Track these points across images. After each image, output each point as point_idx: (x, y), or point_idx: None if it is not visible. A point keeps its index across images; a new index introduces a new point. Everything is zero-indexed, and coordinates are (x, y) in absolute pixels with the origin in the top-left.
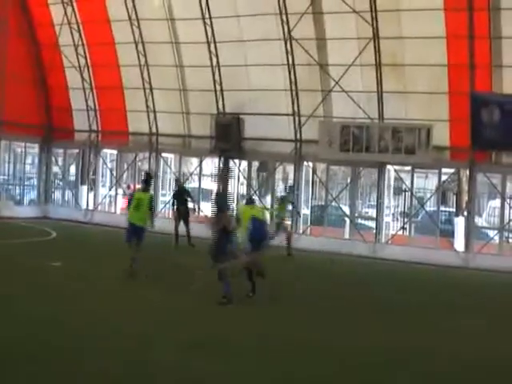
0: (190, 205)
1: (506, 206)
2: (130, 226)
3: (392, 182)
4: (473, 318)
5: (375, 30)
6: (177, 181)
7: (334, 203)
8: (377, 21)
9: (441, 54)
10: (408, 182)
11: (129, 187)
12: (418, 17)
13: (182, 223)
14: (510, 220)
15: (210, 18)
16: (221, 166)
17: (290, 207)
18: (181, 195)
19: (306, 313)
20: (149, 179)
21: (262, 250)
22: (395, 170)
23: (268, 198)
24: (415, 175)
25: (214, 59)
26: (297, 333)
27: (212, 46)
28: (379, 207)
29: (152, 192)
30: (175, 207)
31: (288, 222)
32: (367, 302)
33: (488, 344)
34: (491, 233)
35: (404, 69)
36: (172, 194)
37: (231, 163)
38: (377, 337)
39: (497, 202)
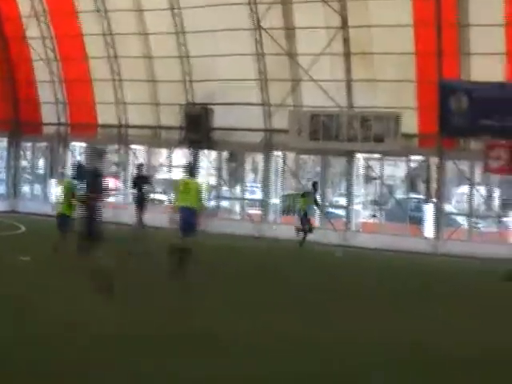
0: (150, 193)
1: (475, 193)
2: None
3: (362, 171)
4: (442, 305)
5: (344, 19)
6: (138, 166)
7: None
8: (345, 10)
9: (409, 42)
10: (378, 170)
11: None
12: (385, 5)
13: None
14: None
15: (179, 8)
16: (190, 157)
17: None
18: (140, 181)
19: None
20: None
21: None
22: (365, 158)
23: (238, 188)
24: (384, 163)
25: (183, 50)
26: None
27: (181, 36)
28: (349, 195)
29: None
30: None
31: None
32: (336, 290)
33: (455, 331)
34: (460, 219)
35: (372, 57)
36: (132, 179)
37: (201, 154)
38: (342, 325)
39: (465, 189)
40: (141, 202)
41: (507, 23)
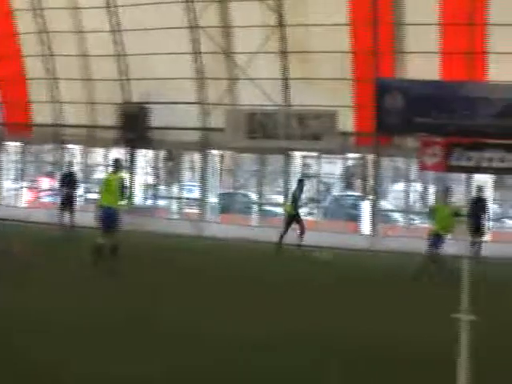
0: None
1: (411, 189)
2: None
3: (299, 169)
4: (377, 299)
5: (280, 18)
6: (67, 165)
7: (241, 191)
8: (282, 8)
9: (345, 40)
10: (315, 168)
11: None
12: (322, 4)
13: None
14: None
15: (115, 6)
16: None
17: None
18: (68, 180)
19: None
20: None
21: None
22: (302, 157)
23: (175, 188)
24: (322, 161)
25: (120, 48)
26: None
27: (117, 34)
28: (286, 193)
29: None
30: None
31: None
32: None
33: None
34: (397, 215)
35: (310, 56)
36: (60, 178)
37: (137, 153)
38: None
39: (401, 185)
40: (67, 201)
41: (442, 22)
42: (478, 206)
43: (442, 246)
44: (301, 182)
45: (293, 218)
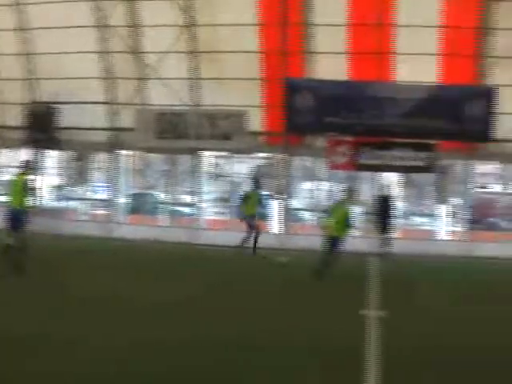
0: None
1: (320, 188)
2: None
3: (209, 168)
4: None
5: (191, 18)
6: None
7: (151, 191)
8: (192, 8)
9: (255, 40)
10: (225, 168)
11: None
12: (232, 4)
13: None
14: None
15: (24, 3)
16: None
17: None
18: None
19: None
20: None
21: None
22: (212, 156)
23: (84, 189)
24: (232, 160)
25: (28, 47)
26: None
27: (26, 33)
28: (197, 193)
29: None
30: None
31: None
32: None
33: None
34: (306, 214)
35: (220, 56)
36: None
37: (45, 153)
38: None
39: (311, 184)
40: None
41: (351, 23)
42: (384, 204)
43: (336, 248)
44: (255, 180)
45: (254, 217)
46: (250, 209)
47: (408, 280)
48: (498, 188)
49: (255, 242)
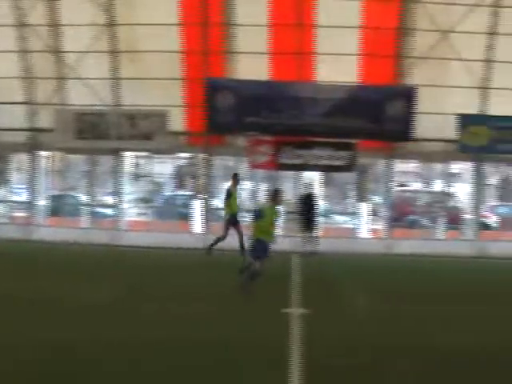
0: None
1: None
2: None
3: (131, 169)
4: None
5: (111, 17)
6: None
7: (71, 192)
8: (113, 8)
9: (176, 40)
10: (146, 168)
11: None
12: (153, 4)
13: None
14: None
15: None
16: None
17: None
18: None
19: None
20: None
21: None
22: (133, 157)
23: (2, 191)
24: (153, 161)
25: None
26: None
27: None
28: (117, 194)
29: None
30: None
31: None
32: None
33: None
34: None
35: (141, 55)
36: None
37: None
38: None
39: None
40: None
41: (271, 23)
42: (307, 203)
43: (262, 252)
44: (236, 177)
45: (235, 217)
46: (233, 207)
47: (330, 278)
48: (417, 186)
49: (242, 243)
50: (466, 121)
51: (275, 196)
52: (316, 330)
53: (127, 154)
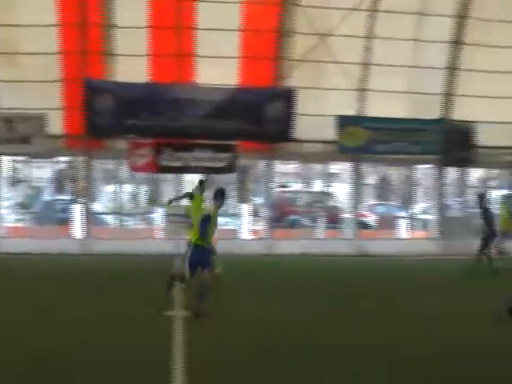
0: None
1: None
2: None
3: (8, 173)
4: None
5: None
6: None
7: None
8: None
9: (54, 42)
10: (25, 172)
11: None
12: (31, 5)
13: None
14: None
15: None
16: None
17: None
18: None
19: None
20: None
21: None
22: (11, 161)
23: None
24: (32, 165)
25: None
26: None
27: None
28: None
29: None
30: None
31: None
32: None
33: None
34: (109, 217)
35: (18, 57)
36: None
37: None
38: None
39: (113, 187)
40: None
41: (151, 25)
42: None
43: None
44: (202, 184)
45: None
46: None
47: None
48: (297, 187)
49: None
50: (344, 122)
51: (218, 196)
52: (198, 332)
53: (4, 158)
